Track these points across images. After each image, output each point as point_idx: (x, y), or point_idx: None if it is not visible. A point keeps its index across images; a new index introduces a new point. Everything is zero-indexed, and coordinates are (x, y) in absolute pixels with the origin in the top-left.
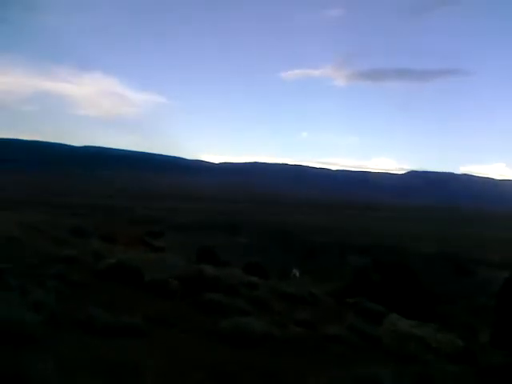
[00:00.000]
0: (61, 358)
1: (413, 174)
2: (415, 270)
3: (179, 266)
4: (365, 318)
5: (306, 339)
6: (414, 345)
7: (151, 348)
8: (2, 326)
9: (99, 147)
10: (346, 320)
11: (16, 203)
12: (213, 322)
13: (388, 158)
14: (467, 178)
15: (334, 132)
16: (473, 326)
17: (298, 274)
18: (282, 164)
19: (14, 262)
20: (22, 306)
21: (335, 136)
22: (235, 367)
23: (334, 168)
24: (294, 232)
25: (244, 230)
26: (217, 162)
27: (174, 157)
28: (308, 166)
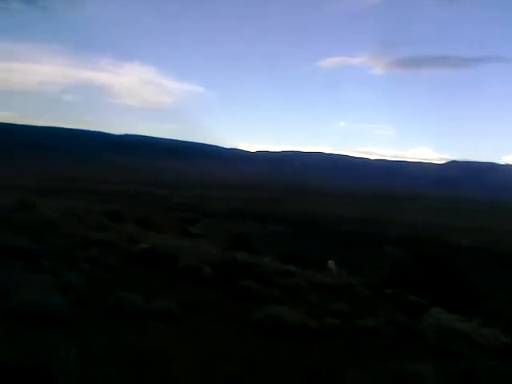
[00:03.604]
0: (86, 343)
1: (453, 164)
2: (456, 263)
3: (213, 253)
4: (405, 311)
5: (343, 331)
6: (458, 340)
7: (181, 335)
8: (31, 308)
9: (138, 135)
10: (384, 312)
11: (56, 191)
12: (246, 311)
13: (427, 147)
14: (509, 169)
15: (371, 121)
16: None
17: (333, 265)
18: (319, 153)
19: (49, 244)
20: (52, 289)
21: (373, 125)
22: (267, 359)
23: (372, 157)
24: (330, 222)
25: (279, 219)
26: (253, 150)
27: (211, 145)
28: (345, 155)
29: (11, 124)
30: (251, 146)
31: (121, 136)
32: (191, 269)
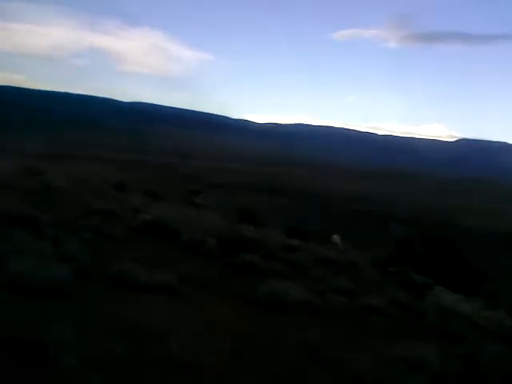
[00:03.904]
0: (84, 316)
1: (464, 143)
2: (461, 246)
3: (218, 225)
4: (408, 290)
5: (345, 309)
6: (460, 321)
7: (181, 310)
8: (30, 278)
9: (146, 103)
10: (387, 290)
11: (62, 156)
12: (248, 285)
13: (438, 124)
14: None
15: (382, 95)
16: None
17: (338, 240)
18: (328, 127)
19: (53, 212)
20: (53, 258)
21: (384, 100)
22: (268, 334)
23: (380, 133)
24: (335, 198)
25: (285, 194)
26: (261, 122)
27: (219, 115)
28: (354, 130)
29: (20, 88)
30: (259, 118)
31: (128, 103)
32: (195, 241)
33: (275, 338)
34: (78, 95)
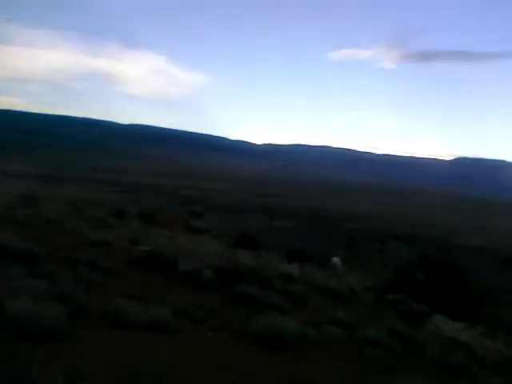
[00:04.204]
0: (77, 360)
1: (462, 161)
2: (460, 264)
3: (216, 253)
4: (406, 319)
5: (343, 342)
6: (459, 352)
7: (176, 348)
8: (24, 321)
9: (145, 125)
10: (386, 321)
11: (65, 179)
12: (244, 319)
13: (437, 142)
14: None
15: (380, 115)
16: None
17: (338, 263)
18: (326, 146)
19: (49, 244)
20: (48, 297)
21: (381, 119)
22: (263, 371)
23: (378, 152)
24: (335, 217)
25: (284, 214)
26: (259, 143)
27: (218, 137)
28: (352, 150)
29: (20, 111)
30: (257, 138)
31: (127, 126)
32: (191, 273)
33: (271, 376)
34: (77, 118)
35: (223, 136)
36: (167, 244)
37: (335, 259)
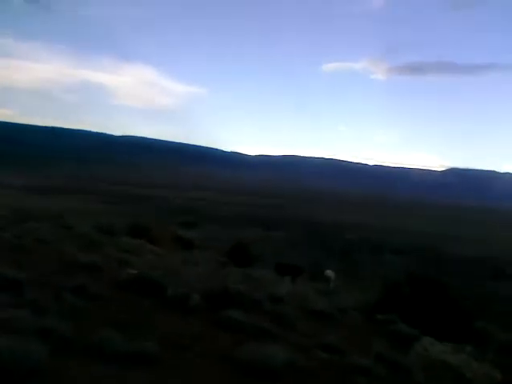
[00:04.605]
0: None
1: (453, 172)
2: (449, 284)
3: (205, 273)
4: (395, 341)
5: (330, 368)
6: (447, 376)
7: (160, 378)
8: (4, 357)
9: (138, 137)
10: (374, 344)
11: (56, 190)
12: (232, 346)
13: (427, 154)
14: (509, 177)
15: (372, 126)
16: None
17: (332, 275)
18: (319, 158)
19: (36, 268)
20: (31, 330)
21: (373, 130)
22: None
23: (370, 163)
24: (328, 228)
25: (278, 225)
26: (253, 154)
27: (211, 148)
28: (344, 161)
29: (11, 123)
30: (251, 150)
31: (120, 137)
32: (179, 298)
33: None
34: (69, 129)
35: (217, 147)
36: (156, 264)
37: (329, 272)
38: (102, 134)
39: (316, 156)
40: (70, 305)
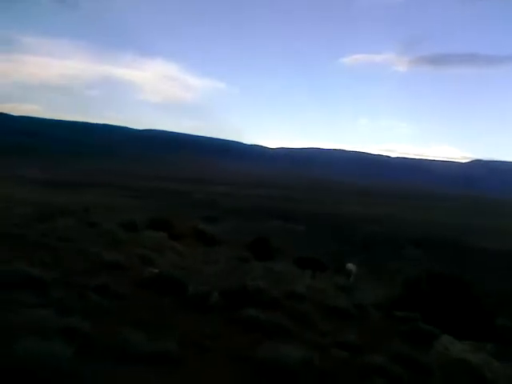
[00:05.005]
0: None
1: (477, 164)
2: (469, 282)
3: (226, 271)
4: (414, 339)
5: (347, 369)
6: (467, 377)
7: (181, 380)
8: (28, 358)
9: (160, 131)
10: (392, 342)
11: (80, 185)
12: (250, 345)
13: (451, 145)
14: None
15: (393, 118)
16: None
17: (353, 269)
18: (340, 150)
19: (60, 267)
20: (55, 331)
21: (395, 122)
22: None
23: (392, 155)
24: (350, 221)
25: (299, 218)
26: (274, 146)
27: (232, 141)
28: (366, 153)
29: (36, 118)
30: (272, 143)
31: (142, 131)
32: (199, 296)
33: None
34: (92, 124)
35: (238, 140)
36: (177, 262)
37: (350, 265)
38: (125, 128)
39: (337, 148)
40: (94, 304)
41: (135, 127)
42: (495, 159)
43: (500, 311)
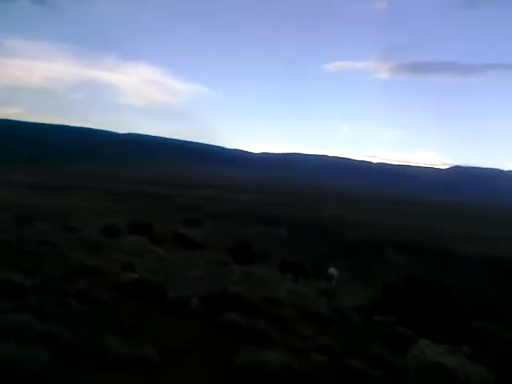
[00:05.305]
0: None
1: (457, 170)
2: (447, 286)
3: (206, 276)
4: (392, 343)
5: (326, 373)
6: (442, 380)
7: None
8: (6, 362)
9: (142, 135)
10: (371, 346)
11: (60, 189)
12: (229, 350)
13: (431, 152)
14: None
15: (375, 125)
16: (509, 345)
17: (335, 273)
18: (322, 156)
19: (40, 273)
20: (34, 337)
21: (377, 129)
22: None
23: (374, 161)
24: (333, 226)
25: (281, 222)
26: (256, 151)
27: (214, 145)
28: (348, 159)
29: (18, 121)
30: (254, 147)
31: (124, 135)
32: (179, 301)
33: None
34: (74, 127)
35: (220, 145)
36: (158, 267)
37: (332, 270)
38: (107, 131)
39: (319, 154)
40: (73, 310)
41: (117, 131)
42: (474, 165)
43: (477, 314)
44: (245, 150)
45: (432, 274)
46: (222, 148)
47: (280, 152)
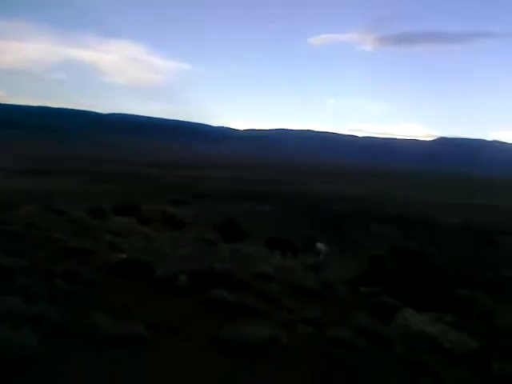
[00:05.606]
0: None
1: (442, 141)
2: (432, 255)
3: (193, 253)
4: (377, 313)
5: (312, 344)
6: (426, 347)
7: (150, 362)
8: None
9: (125, 114)
10: (356, 317)
11: (44, 171)
12: (217, 326)
13: (416, 124)
14: (498, 145)
15: (360, 98)
16: (492, 312)
17: (323, 248)
18: (308, 130)
19: (28, 254)
20: (23, 318)
21: (362, 102)
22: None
23: (360, 135)
24: (319, 200)
25: (269, 199)
26: (242, 128)
27: (200, 124)
28: (334, 133)
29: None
30: (240, 124)
31: (108, 115)
32: (167, 279)
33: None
34: (56, 108)
35: (205, 123)
36: (145, 246)
37: (320, 245)
38: (89, 112)
39: (305, 129)
40: (61, 291)
41: (100, 111)
42: (458, 136)
43: (463, 283)
44: (230, 127)
45: (420, 245)
46: (208, 126)
47: (266, 128)
